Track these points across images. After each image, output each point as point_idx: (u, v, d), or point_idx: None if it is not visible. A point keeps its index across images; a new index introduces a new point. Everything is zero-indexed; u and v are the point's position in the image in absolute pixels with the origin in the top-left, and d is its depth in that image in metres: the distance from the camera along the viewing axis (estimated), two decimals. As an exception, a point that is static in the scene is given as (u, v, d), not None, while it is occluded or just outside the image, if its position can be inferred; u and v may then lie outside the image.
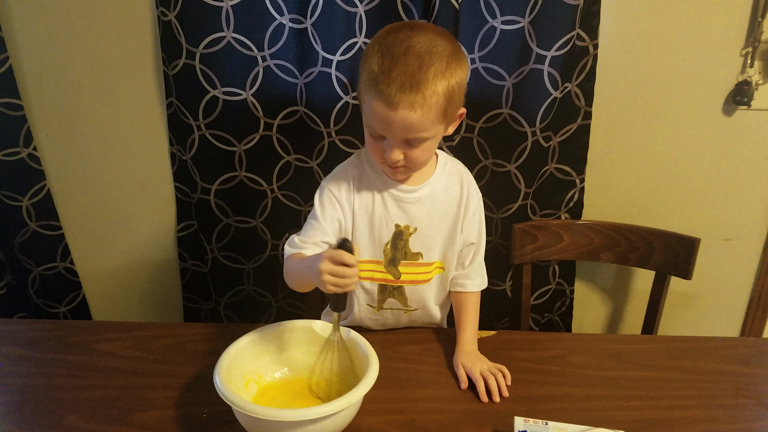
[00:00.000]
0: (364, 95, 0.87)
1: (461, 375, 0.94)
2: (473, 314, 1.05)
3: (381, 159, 0.92)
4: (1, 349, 1.02)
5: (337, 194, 0.98)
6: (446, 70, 0.83)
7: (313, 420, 0.73)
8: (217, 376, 0.80)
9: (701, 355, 1.02)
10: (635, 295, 1.55)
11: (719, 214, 1.45)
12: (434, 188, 1.00)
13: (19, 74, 1.34)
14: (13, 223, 1.46)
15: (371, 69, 0.84)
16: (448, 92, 0.84)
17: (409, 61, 0.81)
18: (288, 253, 0.95)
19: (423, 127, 0.85)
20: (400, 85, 0.81)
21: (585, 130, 1.35)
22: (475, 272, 1.07)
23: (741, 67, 1.31)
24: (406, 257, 1.02)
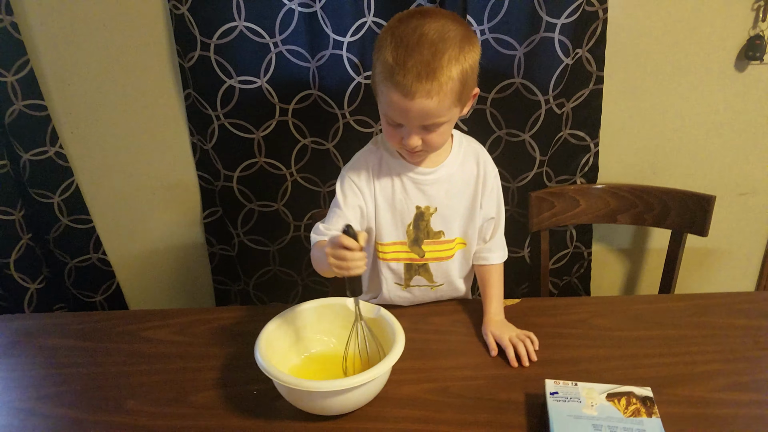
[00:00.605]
0: (380, 86, 0.89)
1: (491, 343, 0.98)
2: (498, 285, 1.09)
3: (399, 145, 0.94)
4: (55, 341, 1.08)
5: (357, 181, 1.01)
6: (460, 54, 0.85)
7: (344, 390, 0.79)
8: (257, 351, 0.86)
9: (720, 311, 1.06)
10: (652, 254, 1.58)
11: (733, 169, 1.47)
12: (451, 168, 1.02)
13: (41, 76, 1.37)
14: (46, 219, 1.51)
15: (386, 60, 0.85)
16: (462, 76, 0.86)
17: (423, 50, 0.83)
18: (314, 240, 0.99)
19: (440, 113, 0.87)
20: (416, 75, 0.83)
21: (597, 94, 1.36)
22: (497, 245, 1.10)
23: (753, 22, 1.31)
24: (429, 236, 1.05)
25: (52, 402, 0.93)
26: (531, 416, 0.84)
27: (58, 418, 0.90)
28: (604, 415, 0.78)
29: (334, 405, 0.83)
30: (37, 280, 1.54)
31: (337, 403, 0.83)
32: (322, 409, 0.84)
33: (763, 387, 0.87)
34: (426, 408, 0.87)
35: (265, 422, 0.86)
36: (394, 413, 0.86)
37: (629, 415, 0.78)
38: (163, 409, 0.90)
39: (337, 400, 0.82)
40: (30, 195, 1.47)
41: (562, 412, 0.79)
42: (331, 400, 0.81)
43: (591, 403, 0.80)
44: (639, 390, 0.82)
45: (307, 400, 0.83)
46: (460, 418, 0.85)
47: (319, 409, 0.84)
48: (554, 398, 0.81)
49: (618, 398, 0.81)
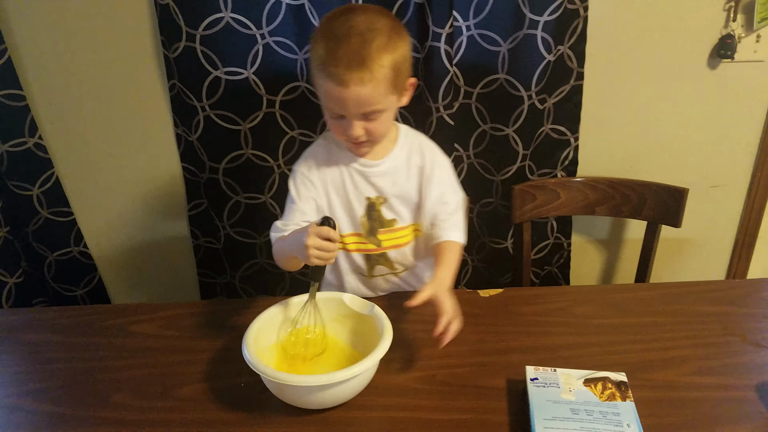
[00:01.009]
0: (317, 80, 0.92)
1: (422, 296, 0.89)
2: (451, 258, 1.00)
3: (344, 137, 0.97)
4: (38, 336, 1.08)
5: (309, 175, 1.04)
6: (388, 43, 0.88)
7: (330, 385, 0.81)
8: (245, 347, 0.86)
9: (692, 298, 1.10)
10: (628, 245, 1.63)
11: (706, 163, 1.52)
12: (396, 160, 1.05)
13: (19, 65, 1.35)
14: (25, 212, 1.49)
15: (318, 54, 0.89)
16: (394, 64, 0.89)
17: (351, 40, 0.87)
18: (274, 238, 1.01)
19: (376, 99, 0.90)
20: (347, 64, 0.86)
21: (578, 90, 1.40)
22: (452, 225, 1.06)
23: (724, 21, 1.35)
24: (383, 225, 1.08)
25: (35, 398, 0.93)
26: (512, 401, 0.87)
27: (42, 414, 0.90)
28: (581, 399, 0.82)
29: (322, 399, 0.84)
30: (15, 274, 1.52)
31: (325, 398, 0.84)
32: (310, 402, 0.85)
33: (731, 371, 0.92)
34: (413, 396, 0.90)
35: (253, 415, 0.87)
36: (382, 402, 0.89)
37: (605, 400, 0.82)
38: (150, 403, 0.91)
39: (324, 394, 0.83)
40: (8, 187, 1.45)
41: (541, 397, 0.82)
42: (318, 394, 0.83)
43: (569, 389, 0.84)
44: (614, 375, 0.86)
45: (294, 394, 0.84)
46: (445, 404, 0.88)
47: (307, 403, 0.86)
48: (534, 384, 0.85)
49: (594, 383, 0.85)
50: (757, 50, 1.37)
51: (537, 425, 0.78)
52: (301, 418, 0.86)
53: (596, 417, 0.79)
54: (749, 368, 0.92)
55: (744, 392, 0.87)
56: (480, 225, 1.57)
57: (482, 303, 1.11)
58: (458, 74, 1.35)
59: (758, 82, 1.42)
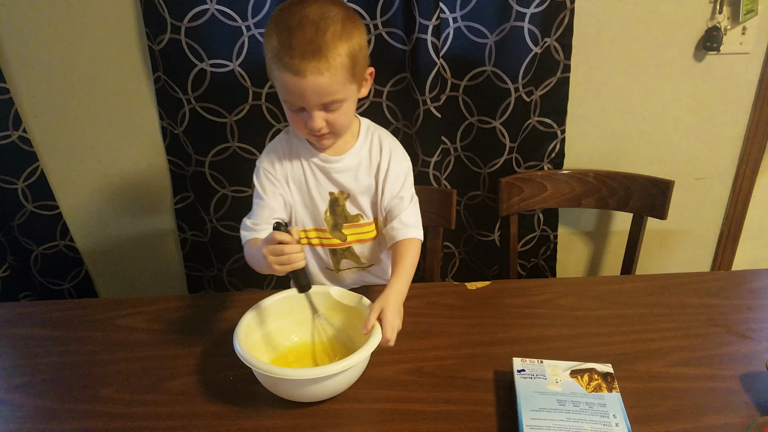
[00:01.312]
0: (273, 73, 0.90)
1: (372, 320, 0.87)
2: (407, 264, 0.98)
3: (306, 131, 0.94)
4: (25, 330, 1.07)
5: (272, 171, 1.02)
6: (343, 32, 0.87)
7: (322, 378, 0.81)
8: (236, 340, 0.86)
9: (676, 290, 1.12)
10: (614, 237, 1.65)
11: (691, 155, 1.54)
12: (358, 155, 1.03)
13: (2, 57, 1.33)
14: (9, 205, 1.48)
15: (273, 46, 0.87)
16: (350, 52, 0.88)
17: (305, 29, 0.85)
18: (245, 238, 1.00)
19: (334, 89, 0.88)
20: (301, 53, 0.84)
21: (564, 82, 1.40)
22: (407, 222, 1.04)
23: (710, 14, 1.36)
24: (347, 220, 1.07)
25: (24, 392, 0.92)
26: (500, 393, 0.88)
27: (30, 408, 0.89)
28: (567, 390, 0.83)
29: (313, 392, 0.85)
30: (1, 268, 1.51)
31: (316, 391, 0.84)
32: (302, 396, 0.86)
33: (714, 362, 0.93)
34: (401, 388, 0.90)
35: (243, 407, 0.88)
36: (371, 394, 0.89)
37: (591, 391, 0.83)
38: (138, 397, 0.90)
39: (316, 387, 0.83)
40: (-8, 181, 1.44)
41: (528, 388, 0.83)
42: (310, 387, 0.83)
43: (555, 380, 0.85)
44: (600, 366, 0.87)
45: (287, 388, 0.84)
46: (433, 396, 0.88)
47: (298, 396, 0.86)
48: (521, 375, 0.86)
49: (581, 374, 0.86)
50: (743, 42, 1.39)
51: (524, 416, 0.79)
52: (291, 411, 0.86)
53: (582, 408, 0.80)
54: (734, 359, 0.94)
55: (729, 383, 0.89)
56: (467, 217, 1.57)
57: (469, 295, 1.12)
58: (445, 66, 1.35)
59: (744, 75, 1.43)
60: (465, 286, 1.15)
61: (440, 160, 1.45)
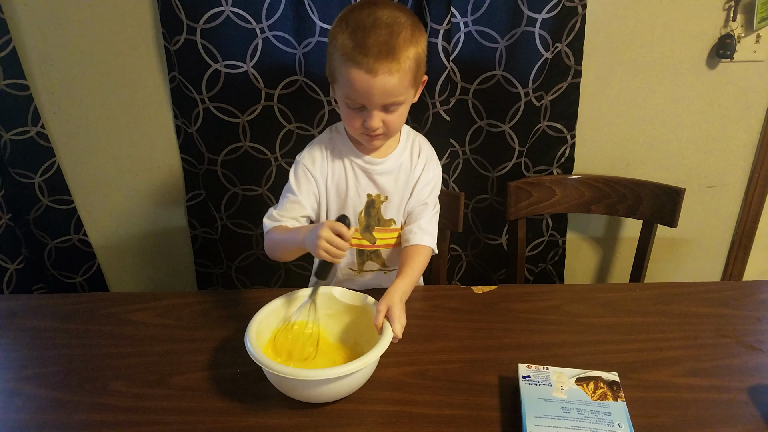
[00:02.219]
0: (341, 69, 0.91)
1: (380, 319, 0.89)
2: (415, 267, 1.01)
3: (360, 130, 0.96)
4: (38, 323, 1.09)
5: (311, 168, 1.04)
6: (412, 37, 0.90)
7: (335, 379, 0.82)
8: (247, 340, 0.87)
9: (685, 299, 1.11)
10: (624, 243, 1.64)
11: (703, 162, 1.53)
12: (400, 159, 1.06)
13: (23, 55, 1.35)
14: (26, 199, 1.50)
15: (344, 44, 0.89)
16: (417, 57, 0.92)
17: (380, 31, 0.88)
18: (269, 225, 1.01)
19: (399, 91, 0.91)
20: (377, 53, 0.87)
21: (575, 88, 1.40)
22: (424, 229, 1.07)
23: (724, 21, 1.35)
24: (380, 224, 1.09)
25: (35, 383, 0.94)
26: (504, 399, 0.88)
27: (41, 399, 0.91)
28: (573, 398, 0.83)
29: (325, 393, 0.85)
30: (16, 261, 1.53)
31: (328, 392, 0.85)
32: (312, 396, 0.86)
33: (722, 372, 0.93)
34: (405, 390, 0.91)
35: (249, 404, 0.89)
36: (375, 396, 0.90)
37: (596, 399, 0.83)
38: (146, 391, 0.92)
39: (328, 388, 0.84)
40: (10, 175, 1.46)
41: (533, 395, 0.83)
42: (322, 388, 0.83)
43: (561, 387, 0.85)
44: (606, 375, 0.87)
45: (299, 388, 0.84)
46: (437, 400, 0.89)
47: (309, 397, 0.86)
48: (526, 382, 0.86)
49: (586, 382, 0.86)
50: (757, 50, 1.38)
51: (528, 423, 0.79)
52: (295, 410, 0.87)
53: (587, 416, 0.79)
54: (742, 370, 0.93)
55: (736, 394, 0.88)
56: (475, 221, 1.57)
57: (476, 299, 1.12)
58: (455, 70, 1.35)
59: (757, 83, 1.42)
60: (471, 289, 1.15)
61: (449, 163, 1.45)
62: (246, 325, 0.89)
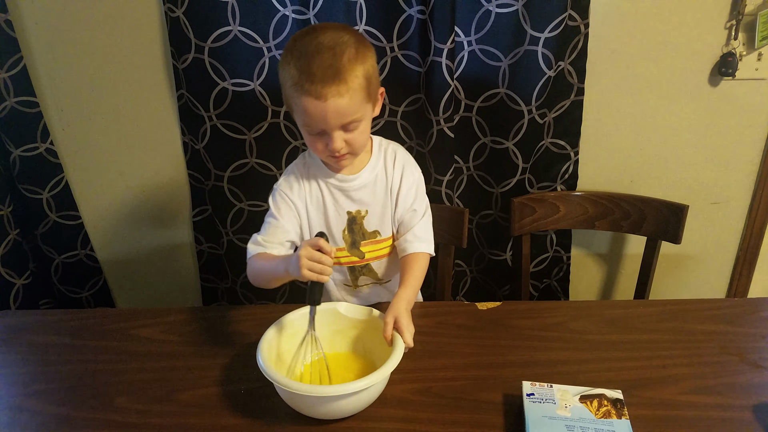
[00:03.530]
0: (293, 99, 0.93)
1: (389, 330, 0.91)
2: (416, 275, 1.02)
3: (325, 153, 0.98)
4: (44, 338, 1.10)
5: (289, 194, 1.05)
6: (357, 55, 0.91)
7: (352, 393, 0.82)
8: (259, 356, 0.87)
9: (690, 316, 1.11)
10: (628, 260, 1.64)
11: (706, 179, 1.53)
12: (374, 171, 1.06)
13: (34, 73, 1.38)
14: (34, 215, 1.52)
15: (292, 75, 0.91)
16: (366, 74, 0.92)
17: (323, 55, 0.89)
18: (253, 251, 1.02)
19: (354, 109, 0.92)
20: (322, 78, 0.88)
21: (578, 105, 1.41)
22: (419, 236, 1.07)
23: (726, 40, 1.36)
24: (365, 237, 1.09)
25: (40, 399, 0.95)
26: (508, 416, 0.88)
27: (46, 415, 0.91)
28: (576, 416, 0.83)
29: (337, 409, 0.85)
30: (23, 276, 1.55)
31: (340, 408, 0.85)
32: (324, 413, 0.86)
33: (727, 390, 0.92)
34: (409, 408, 0.91)
35: (252, 421, 0.89)
36: (378, 413, 0.90)
37: (600, 417, 0.82)
38: (151, 407, 0.92)
39: (341, 404, 0.84)
40: (19, 190, 1.48)
41: (537, 412, 0.83)
42: (335, 404, 0.83)
43: (565, 405, 0.85)
44: (610, 392, 0.86)
45: (311, 404, 0.84)
46: (440, 417, 0.89)
47: (320, 413, 0.86)
48: (530, 399, 0.86)
49: (590, 400, 0.85)
50: (759, 68, 1.39)
51: (530, 440, 0.79)
52: (300, 428, 0.87)
53: (591, 434, 0.79)
54: (746, 389, 0.93)
55: (741, 413, 0.88)
56: (479, 236, 1.58)
57: (480, 315, 1.13)
58: (459, 88, 1.37)
59: (759, 100, 1.43)
60: (475, 306, 1.15)
61: (453, 179, 1.46)
62: (251, 341, 0.90)
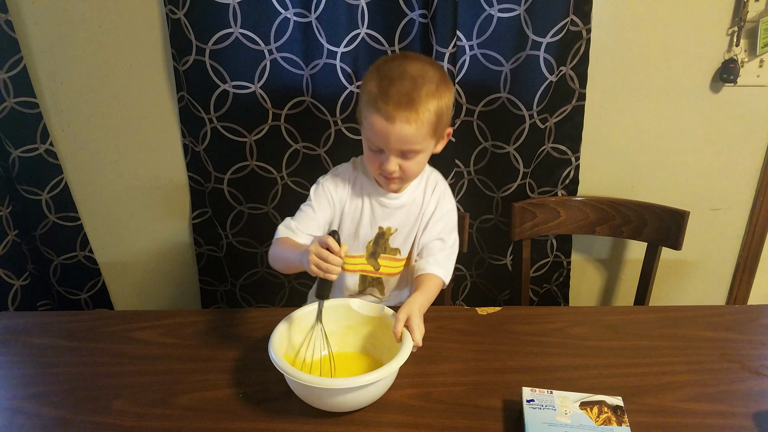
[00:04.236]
0: (365, 113, 0.97)
1: (399, 326, 0.91)
2: (430, 288, 1.03)
3: (378, 171, 1.01)
4: (42, 340, 1.09)
5: (332, 192, 1.08)
6: (436, 91, 0.95)
7: (361, 387, 0.84)
8: (271, 348, 0.88)
9: (690, 323, 1.11)
10: (628, 265, 1.64)
11: (707, 185, 1.53)
12: (414, 194, 1.10)
13: (33, 73, 1.38)
14: (33, 216, 1.52)
15: (371, 91, 0.95)
16: (438, 110, 0.95)
17: (404, 82, 0.93)
18: (281, 234, 1.04)
19: (417, 140, 0.95)
20: (396, 102, 0.92)
21: (579, 110, 1.41)
22: (441, 263, 1.08)
23: (727, 46, 1.36)
24: (386, 252, 1.13)
25: (38, 401, 0.94)
26: (508, 422, 0.88)
27: (44, 418, 0.91)
28: (576, 423, 0.82)
29: (349, 401, 0.87)
30: (21, 277, 1.54)
31: (352, 400, 0.87)
32: (335, 405, 0.88)
33: (727, 398, 0.92)
34: (408, 413, 0.90)
35: (251, 425, 0.88)
36: (378, 418, 0.89)
37: (600, 424, 0.82)
38: (148, 410, 0.92)
39: (353, 396, 0.85)
40: (18, 191, 1.48)
41: (537, 419, 0.83)
42: (346, 396, 0.85)
43: (565, 411, 0.84)
44: (610, 399, 0.86)
45: (323, 397, 0.86)
46: (440, 423, 0.88)
47: (331, 405, 0.88)
48: (530, 405, 0.85)
49: (590, 407, 0.85)
50: (760, 75, 1.39)
51: (530, 446, 0.79)
52: (298, 429, 0.87)
53: (590, 440, 0.79)
54: (747, 396, 0.92)
55: (741, 420, 0.87)
56: (479, 241, 1.58)
57: (480, 321, 1.12)
58: (460, 92, 1.37)
59: (761, 107, 1.43)
60: (475, 311, 1.15)
61: (453, 183, 1.46)
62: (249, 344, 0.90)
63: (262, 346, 1.04)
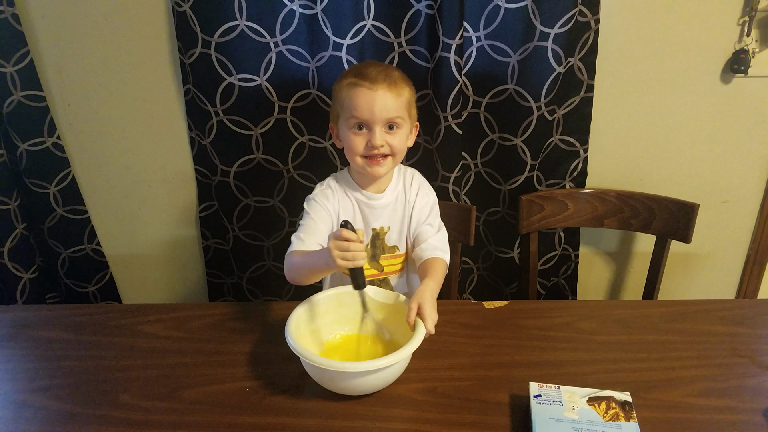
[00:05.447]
0: (345, 100, 1.02)
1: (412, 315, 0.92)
2: (438, 271, 1.04)
3: (364, 151, 1.04)
4: (50, 333, 1.10)
5: (325, 202, 1.11)
6: (405, 79, 1.05)
7: (375, 370, 0.86)
8: (288, 335, 0.90)
9: (699, 317, 1.10)
10: (637, 258, 1.63)
11: (717, 177, 1.51)
12: (395, 191, 1.14)
13: (40, 67, 1.38)
14: (41, 209, 1.53)
15: (348, 81, 1.02)
16: (410, 96, 1.05)
17: (378, 67, 1.03)
18: (295, 246, 1.04)
19: (398, 111, 1.02)
20: (375, 76, 1.01)
21: (588, 102, 1.40)
22: (435, 245, 1.10)
23: (738, 36, 1.34)
24: (385, 251, 1.15)
25: (45, 394, 0.95)
26: (515, 418, 0.87)
27: (51, 411, 0.91)
28: (584, 418, 0.82)
29: (362, 385, 0.89)
30: (30, 270, 1.55)
31: (366, 383, 0.89)
32: (348, 388, 0.90)
33: (736, 393, 0.91)
34: (414, 408, 0.90)
35: (257, 419, 0.88)
36: (384, 412, 0.89)
37: (608, 419, 0.81)
38: (155, 404, 0.92)
39: (367, 379, 0.87)
40: (26, 185, 1.48)
41: (544, 414, 0.82)
42: (360, 380, 0.87)
43: (572, 407, 0.84)
44: (618, 394, 0.85)
45: (337, 380, 0.88)
46: (446, 418, 0.88)
47: (345, 389, 0.90)
48: (537, 401, 0.85)
49: (598, 402, 0.84)
50: (772, 66, 1.36)
51: (537, 442, 0.78)
52: (303, 422, 0.87)
53: (598, 436, 0.78)
54: (757, 391, 0.91)
55: (750, 416, 0.86)
56: (486, 234, 1.57)
57: (487, 315, 1.12)
58: (467, 84, 1.36)
59: (772, 98, 1.41)
60: (482, 304, 1.14)
61: (460, 176, 1.45)
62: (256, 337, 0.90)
63: (270, 340, 1.05)
